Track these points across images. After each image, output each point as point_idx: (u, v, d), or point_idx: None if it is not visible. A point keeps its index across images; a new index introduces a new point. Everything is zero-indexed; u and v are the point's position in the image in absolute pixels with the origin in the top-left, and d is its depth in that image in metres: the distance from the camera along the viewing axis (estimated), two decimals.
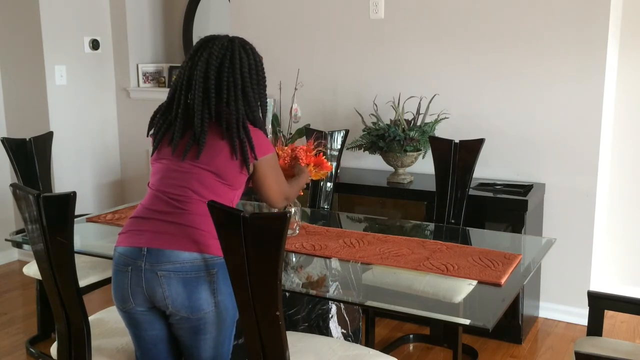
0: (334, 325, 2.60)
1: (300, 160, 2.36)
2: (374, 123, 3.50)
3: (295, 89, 3.68)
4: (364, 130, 3.51)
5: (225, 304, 1.90)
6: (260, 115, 2.03)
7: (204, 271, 1.85)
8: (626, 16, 3.42)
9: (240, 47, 1.98)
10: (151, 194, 1.96)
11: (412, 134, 3.33)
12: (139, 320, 1.93)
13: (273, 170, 2.06)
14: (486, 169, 3.50)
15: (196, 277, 1.84)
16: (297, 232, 2.51)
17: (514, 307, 3.18)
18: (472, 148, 2.96)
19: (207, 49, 1.95)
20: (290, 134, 3.65)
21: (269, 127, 3.98)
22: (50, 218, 1.89)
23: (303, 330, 2.52)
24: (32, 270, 2.98)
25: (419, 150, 3.37)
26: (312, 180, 2.74)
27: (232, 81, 1.94)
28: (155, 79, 4.74)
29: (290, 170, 2.37)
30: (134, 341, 2.02)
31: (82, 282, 2.66)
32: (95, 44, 4.54)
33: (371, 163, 3.81)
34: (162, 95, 4.59)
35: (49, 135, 3.40)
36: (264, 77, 2.05)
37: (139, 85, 4.69)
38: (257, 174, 2.02)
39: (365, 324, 2.99)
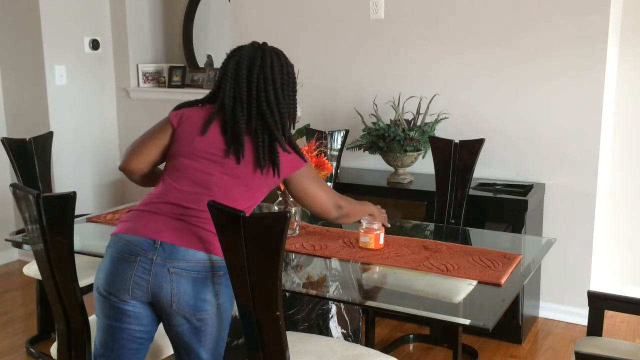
0: (334, 325, 2.60)
1: None
2: (374, 123, 3.50)
3: None
4: (364, 130, 3.51)
5: (226, 306, 1.90)
6: (289, 119, 2.01)
7: (211, 272, 1.85)
8: (626, 16, 3.42)
9: (271, 49, 2.00)
10: (168, 188, 1.93)
11: (412, 134, 3.33)
12: (125, 313, 1.86)
13: (310, 181, 2.06)
14: (486, 169, 3.50)
15: (204, 277, 1.84)
16: (297, 232, 2.51)
17: (514, 307, 3.18)
18: (472, 148, 2.97)
19: (237, 53, 1.99)
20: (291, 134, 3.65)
21: None
22: (50, 218, 1.89)
23: (303, 330, 2.52)
24: (32, 270, 2.98)
25: (419, 150, 3.37)
26: None
27: (263, 79, 1.94)
28: (155, 79, 4.74)
29: None
30: (105, 330, 1.91)
31: (82, 282, 2.65)
32: (95, 44, 4.54)
33: (371, 163, 3.81)
34: (162, 95, 4.61)
35: (49, 135, 3.40)
36: (295, 82, 2.03)
37: (139, 85, 4.69)
38: (294, 187, 2.05)
39: (365, 324, 2.99)
